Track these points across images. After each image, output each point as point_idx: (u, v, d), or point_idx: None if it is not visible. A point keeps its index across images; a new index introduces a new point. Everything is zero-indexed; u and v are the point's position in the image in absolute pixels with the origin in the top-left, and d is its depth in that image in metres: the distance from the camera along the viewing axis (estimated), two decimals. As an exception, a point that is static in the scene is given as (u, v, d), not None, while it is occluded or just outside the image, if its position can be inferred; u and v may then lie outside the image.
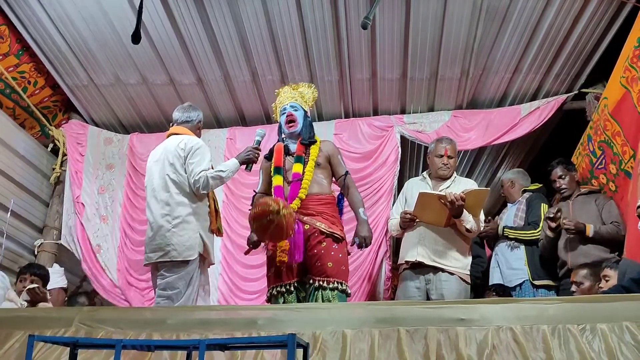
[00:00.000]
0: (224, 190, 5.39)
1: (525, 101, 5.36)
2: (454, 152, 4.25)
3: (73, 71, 5.34)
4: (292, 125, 3.89)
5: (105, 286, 5.34)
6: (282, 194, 3.71)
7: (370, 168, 5.30)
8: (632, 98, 3.99)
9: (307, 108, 4.04)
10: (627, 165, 4.15)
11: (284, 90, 4.10)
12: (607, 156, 4.45)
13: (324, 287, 3.53)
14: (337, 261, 3.61)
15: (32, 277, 4.17)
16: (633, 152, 4.03)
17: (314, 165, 3.78)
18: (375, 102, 5.55)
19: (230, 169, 3.64)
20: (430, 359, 2.38)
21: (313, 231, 3.63)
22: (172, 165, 3.59)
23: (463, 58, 4.98)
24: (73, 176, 5.70)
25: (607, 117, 4.37)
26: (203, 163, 3.57)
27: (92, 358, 2.61)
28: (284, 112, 3.95)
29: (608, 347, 2.27)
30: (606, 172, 4.47)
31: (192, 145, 3.61)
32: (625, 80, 4.09)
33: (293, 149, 3.88)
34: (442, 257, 3.92)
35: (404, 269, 4.09)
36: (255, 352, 2.52)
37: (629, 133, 4.09)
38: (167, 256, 3.48)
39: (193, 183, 3.53)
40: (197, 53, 5.07)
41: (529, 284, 4.36)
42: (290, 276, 3.64)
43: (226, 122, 5.83)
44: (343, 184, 3.89)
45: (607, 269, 3.48)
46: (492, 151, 6.03)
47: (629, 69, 4.03)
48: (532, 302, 2.66)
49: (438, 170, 4.20)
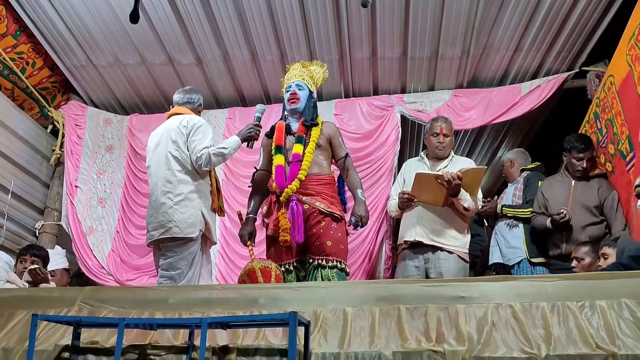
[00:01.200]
0: (223, 169, 5.39)
1: (526, 80, 5.34)
2: (449, 130, 4.23)
3: (72, 51, 5.32)
4: (294, 102, 3.89)
5: (90, 267, 5.36)
6: (283, 174, 3.71)
7: (370, 148, 5.29)
8: (633, 77, 3.96)
9: (313, 88, 4.02)
10: (623, 146, 4.10)
11: (294, 67, 4.08)
12: (609, 135, 4.40)
13: (323, 265, 3.56)
14: (336, 240, 3.62)
15: (32, 258, 4.18)
16: (629, 132, 3.99)
17: (314, 147, 3.78)
18: (375, 81, 5.52)
19: (232, 146, 3.64)
20: (430, 335, 2.40)
21: (312, 211, 3.64)
22: (174, 143, 3.59)
23: (464, 36, 4.95)
24: (69, 158, 5.70)
25: (614, 95, 4.31)
26: (205, 140, 3.57)
27: (95, 337, 2.63)
28: (288, 89, 3.95)
29: (607, 324, 2.29)
30: (605, 152, 4.44)
31: (194, 122, 3.62)
32: (630, 58, 4.04)
33: (294, 128, 3.87)
34: (441, 236, 3.93)
35: (402, 249, 4.11)
36: (257, 331, 2.55)
37: (629, 113, 4.04)
38: (168, 233, 3.49)
39: (195, 160, 3.54)
40: (196, 32, 5.03)
41: (526, 262, 4.39)
42: (289, 256, 3.66)
43: (225, 102, 5.82)
44: (343, 166, 3.90)
45: (605, 247, 3.49)
46: (492, 130, 6.02)
47: (634, 46, 3.99)
48: (531, 280, 2.67)
49: (435, 150, 4.20)
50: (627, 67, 4.07)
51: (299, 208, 3.61)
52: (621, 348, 2.15)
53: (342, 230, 3.71)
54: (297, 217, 3.59)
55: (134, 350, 2.53)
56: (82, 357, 2.55)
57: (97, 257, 5.41)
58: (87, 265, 5.38)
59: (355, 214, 3.73)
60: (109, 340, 2.60)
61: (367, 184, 5.17)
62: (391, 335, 2.45)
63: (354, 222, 3.74)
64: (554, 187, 4.35)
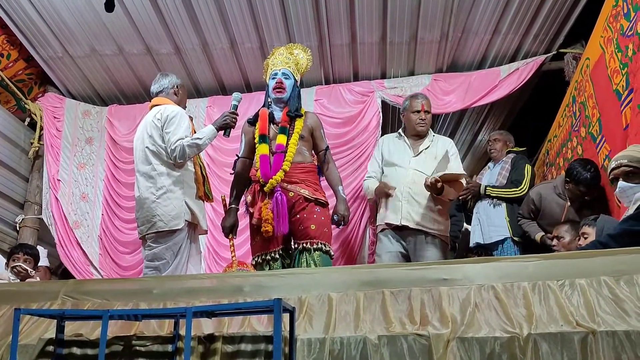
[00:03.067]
0: (206, 159, 5.37)
1: (505, 63, 5.37)
2: (429, 107, 4.24)
3: (47, 42, 5.24)
4: (280, 91, 3.82)
5: (74, 260, 5.34)
6: (268, 163, 3.68)
7: (352, 133, 5.30)
8: (605, 60, 3.99)
9: (298, 77, 3.96)
10: (593, 128, 4.12)
11: (280, 51, 3.96)
12: (581, 118, 4.46)
13: (308, 249, 3.55)
14: (320, 223, 3.62)
15: (25, 257, 4.20)
16: (599, 115, 4.03)
17: (298, 138, 3.75)
18: (355, 67, 5.52)
19: (207, 136, 3.60)
20: (414, 318, 2.42)
21: (297, 198, 3.63)
22: (150, 137, 3.58)
23: (442, 20, 4.96)
24: (49, 151, 5.64)
25: (587, 78, 4.36)
26: (179, 131, 3.53)
27: (79, 329, 2.61)
28: (274, 76, 3.86)
29: (586, 301, 2.32)
30: (578, 135, 4.49)
31: (167, 114, 3.58)
32: (603, 41, 4.08)
33: (278, 117, 3.82)
34: (426, 220, 3.94)
35: (383, 229, 4.10)
36: (242, 319, 2.55)
37: (600, 95, 4.08)
38: (154, 227, 3.49)
39: (170, 152, 3.52)
40: (174, 21, 4.98)
41: (510, 241, 4.43)
42: (275, 244, 3.65)
43: (206, 91, 5.79)
44: (323, 159, 3.86)
45: (585, 226, 3.51)
46: (472, 114, 6.06)
47: (607, 29, 4.02)
48: (513, 260, 2.70)
49: (416, 127, 4.18)
50: (599, 50, 4.11)
51: (284, 198, 3.59)
52: (600, 325, 2.18)
53: (327, 214, 3.70)
54: (282, 208, 3.56)
55: (119, 341, 2.52)
56: (67, 350, 2.53)
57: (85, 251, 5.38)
58: (71, 259, 5.34)
59: (338, 213, 3.71)
60: (93, 333, 2.58)
61: (350, 169, 5.19)
62: (376, 319, 2.46)
63: (336, 220, 3.73)
64: (548, 201, 4.19)
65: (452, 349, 2.24)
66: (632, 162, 2.97)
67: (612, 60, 3.85)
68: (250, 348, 2.41)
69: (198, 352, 2.43)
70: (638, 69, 3.39)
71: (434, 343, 2.25)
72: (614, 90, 3.74)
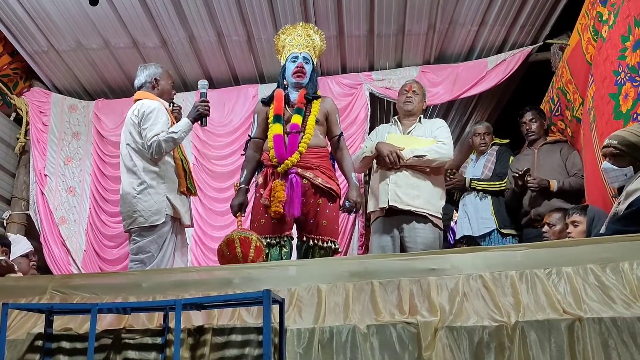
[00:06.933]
0: (193, 153, 5.36)
1: (492, 54, 5.39)
2: (419, 89, 4.24)
3: (32, 37, 5.19)
4: (300, 76, 3.73)
5: (56, 257, 5.32)
6: (282, 143, 3.59)
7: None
8: (582, 45, 4.05)
9: (316, 61, 3.90)
10: (578, 112, 4.27)
11: (297, 32, 3.83)
12: (562, 103, 4.57)
13: (320, 246, 3.54)
14: (331, 220, 3.60)
15: (3, 248, 4.14)
16: (582, 99, 4.12)
17: (314, 120, 3.67)
18: (343, 59, 5.52)
19: (182, 129, 3.57)
20: (403, 308, 2.43)
21: (311, 186, 3.56)
22: (130, 134, 3.59)
23: (429, 12, 4.97)
24: (36, 146, 5.60)
25: (563, 64, 4.46)
26: (155, 127, 3.51)
27: (68, 323, 2.61)
28: (294, 60, 3.76)
29: (573, 289, 2.35)
30: (563, 118, 4.60)
31: (144, 110, 3.56)
32: (581, 27, 4.14)
33: (293, 98, 3.73)
34: (415, 199, 3.90)
35: (376, 217, 4.08)
36: (232, 311, 2.55)
37: (579, 81, 4.17)
38: (135, 223, 3.50)
39: (147, 148, 3.51)
40: (160, 14, 4.95)
41: (497, 233, 4.46)
42: (277, 230, 3.56)
43: (193, 85, 5.74)
44: (337, 145, 3.81)
45: (575, 214, 3.51)
46: (460, 105, 6.08)
47: (584, 16, 4.08)
48: (500, 250, 2.72)
49: (403, 106, 4.18)
50: (577, 37, 4.20)
51: (298, 181, 3.51)
52: (587, 312, 2.21)
53: (337, 209, 3.66)
54: (297, 191, 3.49)
55: (108, 335, 2.52)
56: (56, 344, 2.53)
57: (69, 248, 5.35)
58: (52, 256, 5.32)
59: (350, 199, 3.66)
60: (82, 327, 2.57)
61: (338, 162, 5.19)
62: (365, 309, 2.48)
63: (347, 207, 3.69)
64: (520, 161, 4.49)
65: (440, 338, 2.26)
66: (620, 145, 2.95)
67: (590, 47, 3.95)
68: (240, 339, 2.41)
69: (188, 344, 2.44)
70: (599, 61, 3.49)
71: (423, 331, 2.27)
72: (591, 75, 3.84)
